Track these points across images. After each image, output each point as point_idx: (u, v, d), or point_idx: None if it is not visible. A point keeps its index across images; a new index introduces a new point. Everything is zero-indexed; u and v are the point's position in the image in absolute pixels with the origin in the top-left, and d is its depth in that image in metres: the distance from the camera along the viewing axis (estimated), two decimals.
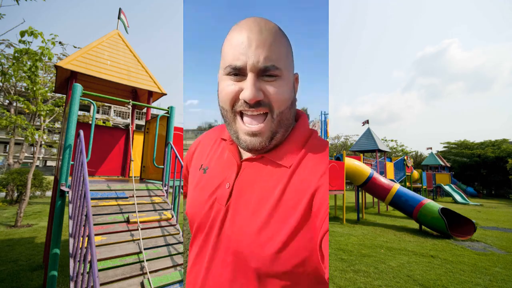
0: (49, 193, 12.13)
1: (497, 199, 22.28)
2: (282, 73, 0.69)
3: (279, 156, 0.72)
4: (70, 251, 1.75)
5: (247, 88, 0.66)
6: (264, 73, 0.67)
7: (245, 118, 0.71)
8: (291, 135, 0.75)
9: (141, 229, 2.21)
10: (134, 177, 3.70)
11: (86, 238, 1.42)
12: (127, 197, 2.52)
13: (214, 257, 0.74)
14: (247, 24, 0.69)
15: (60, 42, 7.46)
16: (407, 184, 15.28)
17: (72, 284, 1.58)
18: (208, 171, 0.85)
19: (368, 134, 13.45)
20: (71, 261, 1.70)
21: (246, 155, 0.78)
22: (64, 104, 7.32)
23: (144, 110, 5.11)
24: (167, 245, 2.21)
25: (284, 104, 0.70)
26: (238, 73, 0.68)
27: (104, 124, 9.37)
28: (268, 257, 0.63)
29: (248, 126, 0.70)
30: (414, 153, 36.80)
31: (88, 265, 1.33)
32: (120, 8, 4.31)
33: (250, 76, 0.67)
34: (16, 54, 5.27)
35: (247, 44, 0.66)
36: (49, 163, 33.13)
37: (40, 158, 30.84)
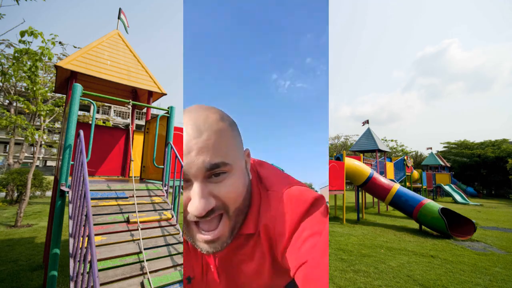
0: (49, 193, 12.12)
1: (497, 199, 22.26)
2: (232, 167, 0.64)
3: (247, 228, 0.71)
4: (70, 251, 1.75)
5: (194, 200, 0.60)
6: (211, 174, 0.61)
7: (200, 224, 0.65)
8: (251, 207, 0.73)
9: (141, 229, 2.21)
10: (134, 177, 3.70)
11: (86, 238, 1.42)
12: (127, 197, 2.52)
13: None
14: (185, 123, 0.63)
15: (60, 42, 7.47)
16: (407, 184, 15.28)
17: (72, 284, 1.58)
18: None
19: (368, 134, 13.45)
20: (71, 261, 1.70)
21: None
22: (64, 104, 7.32)
23: (144, 110, 5.11)
24: (167, 245, 2.21)
25: (239, 198, 0.65)
26: (186, 179, 0.62)
27: (104, 124, 9.37)
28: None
29: (203, 234, 0.64)
30: (414, 153, 36.81)
31: (88, 265, 1.33)
32: (120, 8, 4.30)
33: (196, 185, 0.60)
34: (16, 54, 5.27)
35: (186, 151, 0.60)
36: (49, 163, 33.11)
37: (40, 158, 30.83)
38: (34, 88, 5.77)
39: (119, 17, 4.27)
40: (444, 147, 32.51)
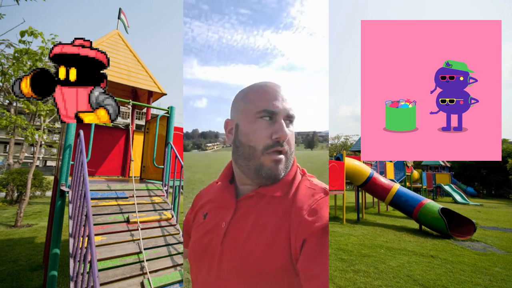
0: (49, 193, 12.13)
1: (497, 199, 22.28)
2: (293, 121, 0.84)
3: (274, 190, 0.79)
4: (70, 251, 1.75)
5: (281, 129, 0.79)
6: (287, 119, 0.81)
7: (270, 150, 0.81)
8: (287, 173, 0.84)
9: (141, 229, 2.21)
10: (134, 177, 3.70)
11: (86, 238, 1.42)
12: (127, 197, 2.52)
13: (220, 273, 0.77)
14: (266, 84, 0.82)
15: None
16: (407, 184, 15.28)
17: (72, 284, 1.58)
18: (207, 216, 0.89)
19: None
20: (71, 261, 1.70)
21: (241, 195, 0.84)
22: None
23: (144, 110, 5.12)
24: (167, 245, 2.21)
25: (293, 145, 0.84)
26: (271, 116, 0.80)
27: (104, 124, 9.37)
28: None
29: (275, 155, 0.79)
30: None
31: (88, 265, 1.33)
32: (120, 8, 4.31)
33: (281, 120, 0.80)
34: (16, 54, 5.27)
35: (276, 97, 0.80)
36: (49, 163, 33.12)
37: (40, 158, 30.84)
38: None
39: (119, 17, 4.28)
40: None
